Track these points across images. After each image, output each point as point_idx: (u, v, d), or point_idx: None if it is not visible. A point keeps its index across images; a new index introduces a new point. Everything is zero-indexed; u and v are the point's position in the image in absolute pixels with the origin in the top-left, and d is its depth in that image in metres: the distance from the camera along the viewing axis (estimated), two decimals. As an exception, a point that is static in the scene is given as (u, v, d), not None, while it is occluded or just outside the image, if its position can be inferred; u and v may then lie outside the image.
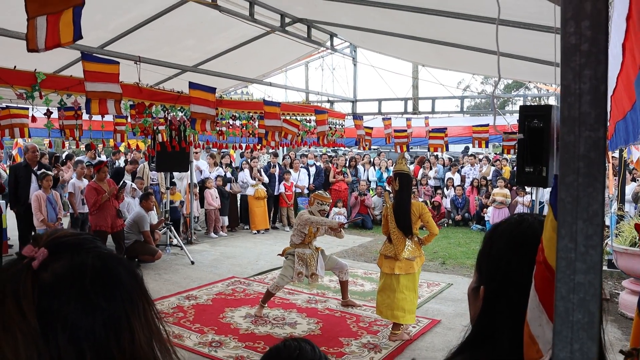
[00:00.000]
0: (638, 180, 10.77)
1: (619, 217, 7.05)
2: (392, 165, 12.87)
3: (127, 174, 10.20)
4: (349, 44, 12.07)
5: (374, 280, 7.60)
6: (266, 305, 6.15)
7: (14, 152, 12.98)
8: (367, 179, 13.91)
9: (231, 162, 12.71)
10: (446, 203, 13.06)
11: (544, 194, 10.23)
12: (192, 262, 8.59)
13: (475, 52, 7.82)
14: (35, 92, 5.16)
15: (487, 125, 10.50)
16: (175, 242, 9.39)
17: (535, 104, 13.64)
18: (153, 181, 10.49)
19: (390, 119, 11.07)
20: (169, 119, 7.15)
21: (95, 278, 0.76)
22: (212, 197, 10.98)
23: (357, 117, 10.87)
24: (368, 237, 11.40)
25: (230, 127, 8.15)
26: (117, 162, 13.34)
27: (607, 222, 6.83)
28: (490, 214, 11.79)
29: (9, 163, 12.61)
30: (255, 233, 11.56)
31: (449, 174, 13.65)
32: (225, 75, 8.83)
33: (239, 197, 12.02)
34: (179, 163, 9.17)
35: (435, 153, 13.72)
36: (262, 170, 12.06)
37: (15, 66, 5.14)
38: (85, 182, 8.67)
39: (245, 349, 5.11)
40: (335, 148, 15.80)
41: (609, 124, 3.17)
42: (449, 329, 5.77)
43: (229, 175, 11.93)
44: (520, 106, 5.16)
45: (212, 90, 6.56)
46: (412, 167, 14.58)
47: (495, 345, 1.01)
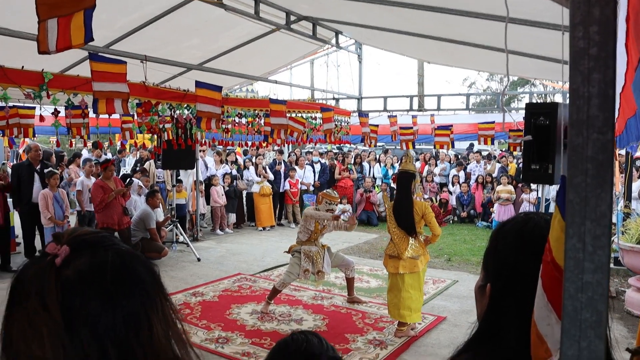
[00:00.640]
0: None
1: (626, 214, 7.03)
2: (398, 163, 12.89)
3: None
4: (354, 42, 12.05)
5: (379, 277, 7.62)
6: (272, 301, 6.18)
7: (21, 150, 13.05)
8: (373, 176, 13.90)
9: (237, 159, 12.74)
10: (452, 200, 13.05)
11: (549, 191, 10.20)
12: (199, 259, 8.63)
13: (481, 49, 7.79)
14: (42, 91, 5.19)
15: (493, 122, 10.50)
16: (181, 239, 9.44)
17: (541, 101, 13.60)
18: (159, 179, 10.54)
19: (395, 116, 11.07)
20: (175, 116, 7.18)
21: (115, 274, 0.78)
22: (218, 194, 11.02)
23: (362, 114, 10.88)
24: (373, 233, 11.41)
25: (236, 124, 8.18)
26: (123, 160, 13.41)
27: (614, 220, 6.82)
28: (496, 211, 11.78)
29: (15, 161, 12.68)
30: (261, 230, 11.59)
31: (454, 171, 13.63)
32: (230, 74, 8.84)
33: (244, 194, 12.05)
34: (185, 161, 9.21)
35: (441, 150, 13.70)
36: (267, 167, 12.10)
37: (23, 66, 5.18)
38: (93, 180, 8.72)
39: (251, 345, 5.14)
40: (341, 145, 15.81)
41: (616, 121, 3.17)
42: (455, 325, 5.78)
43: (234, 172, 11.96)
44: (527, 104, 5.15)
45: (219, 88, 6.58)
46: (417, 164, 14.58)
47: (501, 343, 1.02)
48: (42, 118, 5.82)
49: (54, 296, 0.73)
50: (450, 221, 12.81)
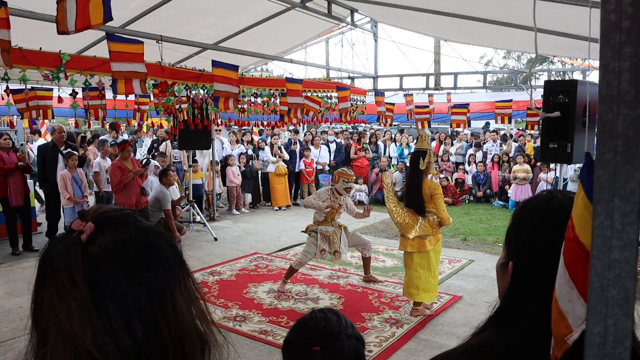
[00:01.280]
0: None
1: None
2: (414, 142, 12.80)
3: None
4: (369, 19, 11.93)
5: (395, 257, 7.64)
6: (289, 280, 6.24)
7: (42, 129, 13.18)
8: (388, 155, 13.85)
9: (252, 139, 12.76)
10: (468, 179, 12.97)
11: (567, 170, 10.09)
12: (215, 239, 8.71)
13: (499, 26, 7.67)
14: (60, 72, 5.23)
15: (511, 100, 10.36)
16: (198, 219, 9.53)
17: (560, 78, 13.38)
18: (176, 159, 10.61)
19: (412, 95, 10.99)
20: (192, 97, 7.19)
21: (139, 250, 0.80)
22: (234, 174, 11.07)
23: (378, 93, 10.80)
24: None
25: (252, 104, 8.18)
26: (140, 141, 13.49)
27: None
28: (512, 191, 11.69)
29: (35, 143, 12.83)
30: (277, 210, 11.65)
31: (471, 150, 13.52)
32: (245, 53, 8.82)
33: (260, 174, 12.10)
34: (201, 141, 9.26)
35: (457, 129, 13.58)
36: (282, 147, 12.10)
37: (40, 48, 5.21)
38: (109, 161, 8.81)
39: (269, 324, 5.20)
40: (355, 125, 15.74)
41: None
42: (471, 304, 5.79)
43: (250, 152, 12.00)
44: (545, 81, 5.07)
45: (235, 68, 6.57)
46: (433, 144, 14.48)
47: (523, 321, 1.02)
48: (60, 99, 5.87)
49: (80, 271, 0.76)
50: (467, 200, 12.76)
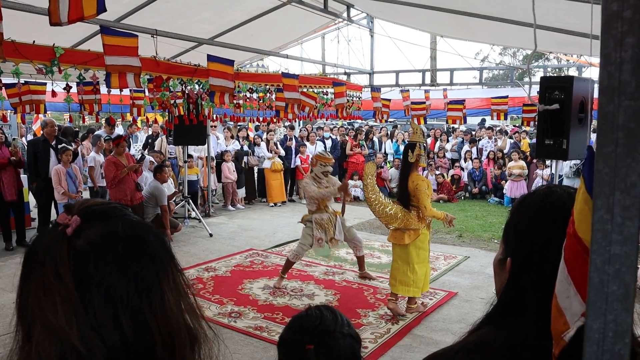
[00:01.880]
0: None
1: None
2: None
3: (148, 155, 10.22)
4: (365, 15, 11.90)
5: (390, 253, 7.62)
6: (286, 276, 6.22)
7: (35, 126, 13.11)
8: (384, 151, 13.85)
9: (248, 135, 12.73)
10: (463, 176, 12.99)
11: (563, 167, 10.11)
12: (211, 235, 8.69)
13: (496, 22, 7.65)
14: (54, 66, 5.18)
15: (506, 97, 10.36)
16: (193, 215, 9.50)
17: (556, 75, 13.39)
18: (171, 155, 10.58)
19: (408, 90, 10.97)
20: (187, 92, 7.16)
21: (126, 244, 0.79)
22: (229, 170, 11.04)
23: (374, 89, 10.78)
24: (385, 210, 11.39)
25: (247, 100, 8.14)
26: (134, 136, 13.43)
27: None
28: (508, 187, 11.71)
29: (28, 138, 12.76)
30: (272, 206, 11.63)
31: (467, 147, 13.54)
32: (241, 48, 8.78)
33: (255, 170, 12.07)
34: (196, 136, 9.22)
35: (453, 125, 13.59)
36: (278, 143, 12.08)
37: (34, 41, 5.16)
38: (102, 156, 8.77)
39: (264, 320, 5.19)
40: (351, 121, 15.73)
41: None
42: (466, 301, 5.79)
43: (245, 148, 11.96)
44: (541, 77, 5.06)
45: (231, 62, 6.54)
46: (428, 141, 14.49)
47: (521, 317, 1.01)
48: (54, 93, 5.82)
49: (66, 265, 0.75)
50: (462, 197, 12.77)
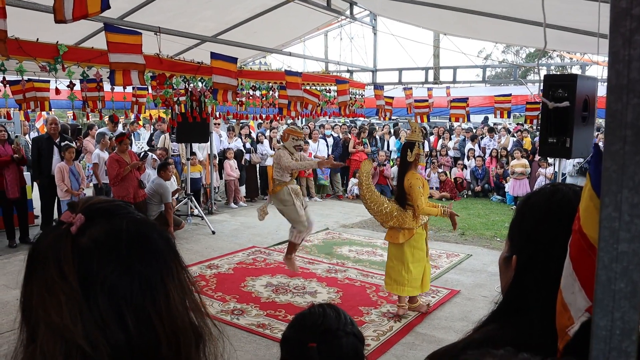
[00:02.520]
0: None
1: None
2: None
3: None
4: (368, 13, 11.88)
5: (393, 251, 7.64)
6: (293, 255, 6.41)
7: (38, 124, 13.13)
8: (388, 149, 13.85)
9: (250, 132, 12.72)
10: (466, 174, 12.98)
11: (566, 165, 10.09)
12: (213, 232, 8.71)
13: (500, 19, 7.63)
14: (58, 64, 5.19)
15: (510, 95, 10.35)
16: (196, 212, 9.52)
17: (559, 73, 13.36)
18: (174, 152, 10.59)
19: (411, 88, 10.95)
20: (190, 89, 7.16)
21: (130, 242, 0.78)
22: (232, 167, 11.05)
23: (377, 86, 10.76)
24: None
25: (250, 97, 8.15)
26: (137, 134, 13.44)
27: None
28: (510, 185, 11.70)
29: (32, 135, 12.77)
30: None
31: (470, 145, 13.51)
32: (244, 45, 8.78)
33: (258, 167, 12.07)
34: (199, 134, 9.23)
35: (456, 123, 13.57)
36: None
37: (37, 38, 5.17)
38: (107, 154, 8.76)
39: (266, 317, 5.20)
40: (354, 119, 15.72)
41: None
42: (468, 299, 5.80)
43: (248, 146, 11.96)
44: (545, 75, 5.04)
45: (234, 60, 6.54)
46: (431, 139, 14.48)
47: (526, 315, 1.01)
48: (57, 91, 5.83)
49: (70, 264, 0.74)
50: (465, 195, 12.77)
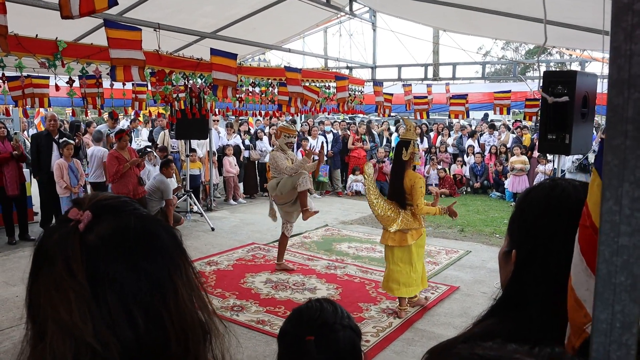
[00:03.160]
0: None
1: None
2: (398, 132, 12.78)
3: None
4: (368, 9, 11.87)
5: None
6: (283, 261, 6.52)
7: (36, 121, 13.12)
8: (388, 145, 13.85)
9: (249, 129, 12.72)
10: (465, 171, 12.99)
11: (565, 162, 10.10)
12: (213, 229, 8.71)
13: (499, 16, 7.63)
14: (57, 60, 5.18)
15: (509, 91, 10.34)
16: (195, 209, 9.52)
17: (558, 69, 13.35)
18: (173, 149, 10.59)
19: (410, 85, 10.94)
20: (189, 86, 7.16)
21: (138, 239, 0.78)
22: (231, 164, 11.05)
23: (377, 83, 10.76)
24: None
25: (250, 94, 8.14)
26: (136, 131, 13.43)
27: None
28: (510, 182, 11.71)
29: (30, 132, 12.77)
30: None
31: (469, 141, 13.51)
32: (244, 42, 8.76)
33: (257, 164, 12.07)
34: (198, 131, 9.22)
35: (455, 120, 13.56)
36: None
37: (37, 35, 5.16)
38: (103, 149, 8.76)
39: (266, 314, 5.21)
40: (354, 115, 15.71)
41: None
42: (467, 295, 5.81)
43: (247, 142, 11.95)
44: (544, 72, 5.03)
45: (234, 56, 6.53)
46: (431, 135, 14.47)
47: (525, 309, 1.02)
48: (57, 87, 5.82)
49: (79, 262, 0.73)
50: (464, 192, 12.77)
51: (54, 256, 0.75)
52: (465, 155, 13.28)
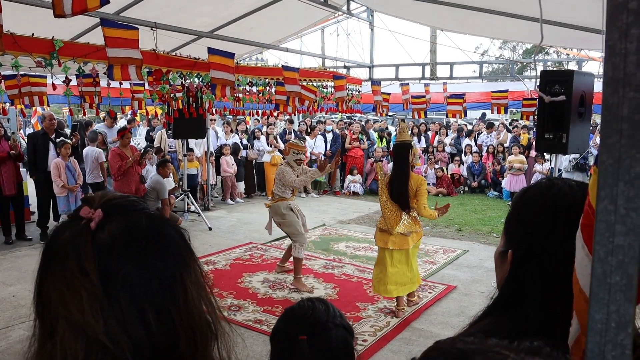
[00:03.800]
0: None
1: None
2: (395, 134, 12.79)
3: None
4: (365, 8, 11.86)
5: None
6: (302, 276, 6.06)
7: (33, 120, 13.09)
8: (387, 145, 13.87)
9: (247, 128, 12.71)
10: (463, 170, 13.01)
11: (562, 161, 10.12)
12: (210, 228, 8.70)
13: (497, 15, 7.63)
14: (53, 59, 5.16)
15: (506, 91, 10.36)
16: (192, 208, 9.51)
17: (556, 69, 13.37)
18: (171, 148, 10.57)
19: (408, 84, 10.94)
20: (186, 85, 7.15)
21: (148, 238, 0.78)
22: (228, 164, 11.04)
23: (374, 82, 10.76)
24: (384, 204, 11.41)
25: (247, 93, 8.13)
26: (134, 130, 13.42)
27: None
28: (507, 181, 11.73)
29: (27, 131, 12.74)
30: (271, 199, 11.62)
31: (467, 140, 13.52)
32: (241, 41, 8.75)
33: (254, 163, 12.06)
34: (196, 130, 9.21)
35: (452, 119, 13.58)
36: (278, 136, 12.07)
37: (33, 34, 5.14)
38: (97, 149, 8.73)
39: (263, 313, 5.21)
40: (351, 114, 15.71)
41: None
42: (465, 294, 5.82)
43: (244, 142, 11.94)
44: (542, 71, 5.05)
45: (231, 55, 6.52)
46: (429, 134, 14.48)
47: (522, 309, 1.02)
48: (54, 86, 5.81)
49: (91, 260, 0.73)
50: (461, 191, 12.79)
51: (66, 254, 0.75)
52: (462, 155, 13.30)
